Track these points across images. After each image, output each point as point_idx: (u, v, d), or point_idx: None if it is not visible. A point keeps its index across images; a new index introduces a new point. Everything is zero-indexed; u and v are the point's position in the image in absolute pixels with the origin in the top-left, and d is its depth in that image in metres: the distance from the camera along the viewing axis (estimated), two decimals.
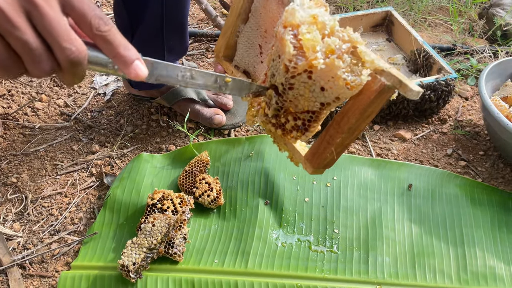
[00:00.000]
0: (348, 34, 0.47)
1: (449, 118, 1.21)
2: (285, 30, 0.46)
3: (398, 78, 0.45)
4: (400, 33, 1.33)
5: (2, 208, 0.95)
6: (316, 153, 0.56)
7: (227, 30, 0.65)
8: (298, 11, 0.47)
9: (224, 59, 0.67)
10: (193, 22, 1.50)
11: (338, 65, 0.45)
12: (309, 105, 0.52)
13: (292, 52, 0.46)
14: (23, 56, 0.38)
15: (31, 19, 0.38)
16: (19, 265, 0.86)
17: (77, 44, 0.39)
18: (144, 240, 0.81)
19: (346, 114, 0.51)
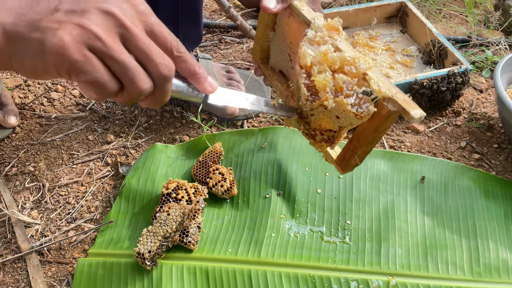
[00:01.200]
0: (356, 66, 0.51)
1: (463, 110, 1.20)
2: (300, 71, 0.51)
3: (402, 106, 0.51)
4: (415, 25, 1.32)
5: (21, 196, 0.97)
6: (344, 159, 0.66)
7: (259, 37, 0.68)
8: (309, 54, 0.51)
9: (261, 61, 0.71)
10: (206, 13, 1.50)
11: (347, 102, 0.50)
12: (330, 126, 0.58)
13: (306, 94, 0.52)
14: (122, 77, 0.41)
15: (124, 42, 0.41)
16: (38, 251, 0.88)
17: (167, 60, 0.43)
18: (159, 229, 0.82)
19: (363, 132, 0.59)
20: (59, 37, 0.38)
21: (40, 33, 0.38)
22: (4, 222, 0.92)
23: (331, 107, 0.51)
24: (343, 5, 1.54)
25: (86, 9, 0.39)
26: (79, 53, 0.38)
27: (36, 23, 0.38)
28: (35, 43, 0.38)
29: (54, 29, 0.38)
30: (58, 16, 0.39)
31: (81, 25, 0.38)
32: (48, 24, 0.38)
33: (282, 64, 0.69)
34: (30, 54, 0.39)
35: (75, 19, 0.39)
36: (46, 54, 0.38)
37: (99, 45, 0.39)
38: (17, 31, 0.39)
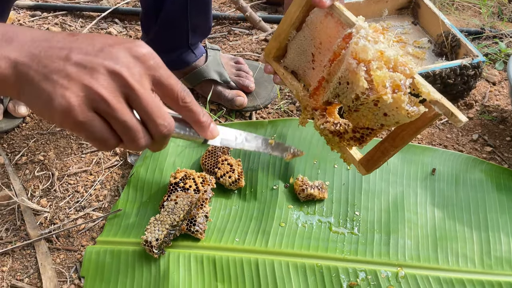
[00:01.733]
0: (409, 68, 0.53)
1: (476, 103, 1.18)
2: (358, 66, 0.52)
3: (450, 110, 0.52)
4: (426, 16, 1.30)
5: (30, 184, 0.97)
6: (371, 160, 0.66)
7: (280, 34, 0.68)
8: (370, 49, 0.52)
9: (274, 60, 0.71)
10: (216, 5, 1.50)
11: (404, 99, 0.52)
12: (370, 124, 0.58)
13: (366, 86, 0.52)
14: (123, 135, 0.44)
15: (129, 101, 0.43)
16: (46, 239, 0.88)
17: (168, 120, 0.45)
18: (167, 217, 0.82)
19: (401, 133, 0.60)
20: (67, 99, 0.40)
21: (50, 86, 0.40)
22: (13, 210, 0.93)
23: (387, 103, 0.52)
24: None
25: (95, 68, 0.41)
26: (83, 114, 0.41)
27: (47, 72, 0.41)
28: (44, 95, 0.41)
29: (63, 87, 0.40)
30: (68, 69, 0.41)
31: (89, 87, 0.41)
32: (58, 78, 0.40)
33: (300, 64, 0.70)
34: (39, 103, 0.41)
35: (84, 77, 0.41)
36: (53, 110, 0.41)
37: (103, 106, 0.41)
38: (28, 73, 0.41)
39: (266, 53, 0.72)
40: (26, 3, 1.42)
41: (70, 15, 1.41)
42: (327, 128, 0.65)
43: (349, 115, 0.59)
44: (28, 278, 0.83)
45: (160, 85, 0.45)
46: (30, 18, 1.38)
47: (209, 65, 1.08)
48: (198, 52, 1.08)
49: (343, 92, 0.57)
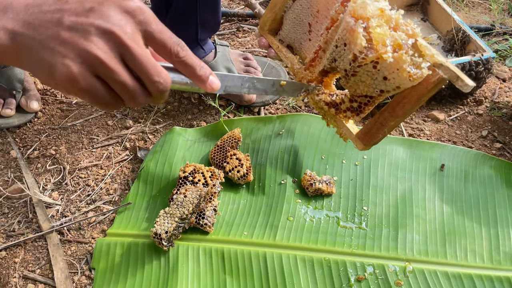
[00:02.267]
0: (412, 28, 0.49)
1: (485, 99, 1.17)
2: (356, 23, 0.49)
3: (456, 73, 0.48)
4: (436, 13, 1.30)
5: (42, 178, 0.99)
6: (369, 133, 0.61)
7: (276, 4, 0.65)
8: (369, 4, 0.49)
9: (269, 33, 0.68)
10: (224, 2, 1.50)
11: (405, 59, 0.48)
12: (369, 91, 0.55)
13: (364, 44, 0.48)
14: (122, 95, 0.45)
15: (125, 60, 0.44)
16: (58, 231, 0.90)
17: (164, 76, 0.46)
18: (176, 210, 0.83)
19: (402, 101, 0.55)
20: (67, 67, 0.41)
21: (49, 55, 0.41)
22: (26, 203, 0.95)
23: (387, 64, 0.49)
24: None
25: (88, 29, 0.42)
26: (85, 81, 0.42)
27: (43, 40, 0.41)
28: (46, 65, 0.42)
29: (61, 55, 0.41)
30: (62, 34, 0.41)
31: (85, 50, 0.41)
32: (55, 45, 0.41)
33: (296, 36, 0.67)
34: (42, 72, 0.42)
35: (78, 41, 0.41)
36: (57, 79, 0.42)
37: (102, 69, 0.42)
38: (26, 42, 0.41)
39: (261, 26, 0.68)
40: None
41: None
42: (323, 99, 0.62)
43: (346, 81, 0.55)
44: (39, 270, 0.85)
45: (153, 40, 0.45)
46: None
47: (218, 61, 1.09)
48: (207, 47, 1.09)
49: (340, 56, 0.53)
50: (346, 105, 0.60)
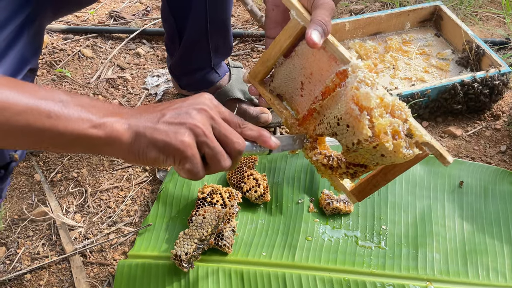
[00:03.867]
0: (405, 112, 0.56)
1: (503, 114, 1.16)
2: (362, 114, 0.54)
3: (439, 151, 0.57)
4: (450, 28, 1.30)
5: (65, 200, 1.02)
6: (363, 191, 0.70)
7: (268, 60, 0.68)
8: (373, 97, 0.54)
9: (259, 83, 0.71)
10: (239, 23, 1.53)
11: (403, 145, 0.55)
12: (366, 162, 0.61)
13: (370, 134, 0.54)
14: (211, 159, 0.55)
15: (213, 129, 0.55)
16: (81, 253, 0.92)
17: (240, 138, 0.57)
18: (195, 232, 0.84)
19: (393, 169, 0.64)
20: (181, 136, 0.52)
21: (162, 133, 0.52)
22: (49, 225, 0.97)
23: (387, 148, 0.55)
24: (375, 10, 1.53)
25: (188, 110, 0.54)
26: (191, 149, 0.53)
27: (153, 126, 0.53)
28: (160, 142, 0.52)
29: (173, 131, 0.52)
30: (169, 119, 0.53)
31: (192, 124, 0.53)
32: (164, 126, 0.53)
33: (287, 90, 0.70)
34: (154, 149, 0.52)
35: (184, 119, 0.53)
36: (170, 149, 0.52)
37: (203, 138, 0.53)
38: (139, 129, 0.52)
39: (252, 76, 0.71)
40: (58, 26, 1.49)
41: (100, 37, 1.47)
42: (319, 160, 0.67)
43: (347, 154, 0.61)
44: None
45: (225, 118, 0.57)
46: (63, 41, 1.45)
47: (233, 84, 1.11)
48: (221, 71, 1.11)
49: (342, 133, 0.59)
50: (343, 170, 0.66)
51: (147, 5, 1.63)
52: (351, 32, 1.31)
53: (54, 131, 0.48)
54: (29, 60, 0.66)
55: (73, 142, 0.50)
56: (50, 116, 0.48)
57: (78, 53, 1.40)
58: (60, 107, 0.48)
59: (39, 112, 0.47)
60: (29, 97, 0.47)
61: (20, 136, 0.48)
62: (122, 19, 1.55)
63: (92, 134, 0.50)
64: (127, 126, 0.52)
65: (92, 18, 1.57)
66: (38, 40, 0.71)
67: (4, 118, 0.46)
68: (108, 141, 0.51)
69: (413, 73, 1.22)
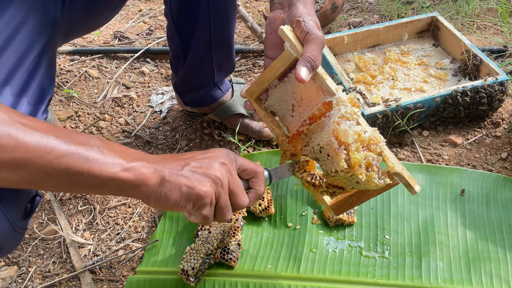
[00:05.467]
0: (379, 146, 0.62)
1: (503, 121, 1.18)
2: (340, 148, 0.61)
3: (408, 181, 0.64)
4: (447, 38, 1.32)
5: (74, 218, 1.04)
6: (340, 208, 0.79)
7: (264, 83, 0.74)
8: (351, 134, 0.60)
9: (255, 100, 0.78)
10: (240, 39, 1.57)
11: (375, 177, 0.61)
12: (343, 185, 0.69)
13: (345, 167, 0.60)
14: (219, 210, 0.63)
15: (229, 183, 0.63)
16: (90, 270, 0.94)
17: (245, 197, 0.65)
18: (201, 246, 0.86)
19: (367, 193, 0.72)
20: (204, 185, 0.59)
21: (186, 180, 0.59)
22: (60, 244, 0.99)
23: (363, 180, 0.61)
24: (373, 23, 1.56)
25: (211, 163, 0.61)
26: (209, 198, 0.60)
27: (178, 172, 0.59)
28: (184, 188, 0.58)
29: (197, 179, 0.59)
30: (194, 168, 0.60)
31: (215, 176, 0.60)
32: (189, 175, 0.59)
33: (280, 109, 0.76)
34: (175, 193, 0.58)
35: (207, 170, 0.60)
36: (191, 196, 0.59)
37: (221, 190, 0.61)
38: (164, 173, 0.58)
39: (248, 93, 0.77)
40: (65, 48, 1.53)
41: (106, 57, 1.51)
42: (304, 178, 0.75)
43: (327, 177, 0.67)
44: None
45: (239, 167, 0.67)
46: (69, 62, 1.49)
47: (236, 100, 1.14)
48: (224, 87, 1.14)
49: (323, 160, 0.65)
50: (323, 189, 0.73)
51: (151, 24, 1.67)
52: (350, 45, 1.34)
53: (90, 173, 0.53)
54: (48, 90, 0.69)
55: (105, 184, 0.54)
56: (88, 159, 0.53)
57: (85, 74, 1.44)
58: (96, 152, 0.54)
59: (78, 156, 0.52)
60: (69, 142, 0.52)
61: (60, 178, 0.53)
62: (127, 39, 1.59)
63: (123, 177, 0.55)
64: (154, 170, 0.57)
65: (98, 39, 1.61)
66: (53, 67, 0.74)
67: (47, 161, 0.50)
68: (136, 183, 0.56)
69: (412, 84, 1.24)
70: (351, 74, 1.27)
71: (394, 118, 1.09)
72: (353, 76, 1.26)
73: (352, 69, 1.29)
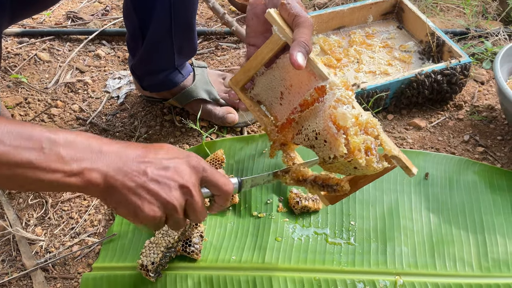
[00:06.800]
0: (377, 129, 0.60)
1: (465, 103, 1.18)
2: (339, 133, 0.58)
3: (406, 164, 0.61)
4: (411, 20, 1.31)
5: (24, 213, 0.97)
6: (335, 197, 0.75)
7: (250, 70, 0.70)
8: (349, 117, 0.58)
9: (241, 89, 0.74)
10: (202, 21, 1.50)
11: (374, 161, 0.60)
12: (340, 172, 0.66)
13: (345, 152, 0.58)
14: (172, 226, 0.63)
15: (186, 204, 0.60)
16: (42, 268, 0.88)
17: (204, 215, 0.64)
18: (161, 240, 0.82)
19: (363, 179, 0.69)
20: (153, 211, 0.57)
21: (137, 199, 0.56)
22: (8, 240, 0.93)
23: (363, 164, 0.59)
24: (338, 4, 1.53)
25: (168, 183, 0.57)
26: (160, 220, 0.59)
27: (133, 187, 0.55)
28: (132, 206, 0.56)
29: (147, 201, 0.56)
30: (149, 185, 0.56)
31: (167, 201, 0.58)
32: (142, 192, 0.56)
33: (267, 98, 0.73)
34: (126, 210, 0.57)
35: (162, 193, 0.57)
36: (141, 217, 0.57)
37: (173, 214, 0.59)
38: (115, 185, 0.54)
39: (233, 83, 0.73)
40: (13, 30, 1.42)
41: (58, 40, 1.41)
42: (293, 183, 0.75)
43: (323, 165, 0.65)
44: None
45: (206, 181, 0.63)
46: (17, 45, 1.39)
47: (197, 84, 1.09)
48: (185, 71, 1.09)
49: (319, 147, 0.63)
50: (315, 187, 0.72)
51: (106, 4, 1.57)
52: (314, 27, 1.30)
53: (35, 179, 0.51)
54: None
55: (55, 188, 0.53)
56: (30, 166, 0.50)
57: (35, 57, 1.35)
58: (39, 155, 0.50)
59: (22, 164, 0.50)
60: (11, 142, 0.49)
61: (6, 182, 0.53)
62: (80, 20, 1.49)
63: (70, 181, 0.52)
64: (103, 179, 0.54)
65: (49, 19, 1.51)
66: None
67: None
68: (84, 186, 0.54)
69: (377, 67, 1.22)
70: (316, 57, 1.24)
71: (359, 102, 1.07)
72: (319, 59, 1.23)
73: (317, 52, 1.27)
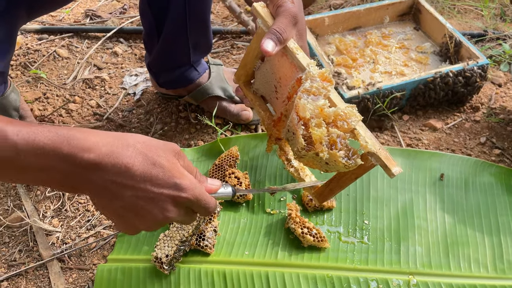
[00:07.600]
0: (347, 122, 0.58)
1: (482, 105, 1.17)
2: (298, 123, 0.57)
3: (384, 162, 0.59)
4: (428, 21, 1.31)
5: (42, 205, 0.99)
6: (322, 195, 0.76)
7: (246, 64, 0.71)
8: (309, 108, 0.56)
9: (244, 84, 0.75)
10: (218, 20, 1.52)
11: (339, 155, 0.57)
12: (316, 168, 0.65)
13: (303, 144, 0.57)
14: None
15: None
16: (59, 258, 0.89)
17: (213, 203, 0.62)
18: (176, 233, 0.82)
19: (344, 177, 0.68)
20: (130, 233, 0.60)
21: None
22: (26, 231, 0.94)
23: (325, 158, 0.57)
24: (354, 4, 1.53)
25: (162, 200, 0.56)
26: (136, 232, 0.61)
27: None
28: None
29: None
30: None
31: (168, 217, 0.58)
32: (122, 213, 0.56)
33: (266, 91, 0.73)
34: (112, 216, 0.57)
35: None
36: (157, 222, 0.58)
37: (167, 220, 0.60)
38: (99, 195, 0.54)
39: (237, 78, 0.74)
40: (33, 26, 1.45)
41: (76, 37, 1.44)
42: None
43: (298, 158, 0.64)
44: None
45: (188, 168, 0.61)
46: (37, 41, 1.42)
47: (213, 82, 1.09)
48: (201, 68, 1.10)
49: (291, 139, 0.62)
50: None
51: (124, 3, 1.60)
52: (330, 27, 1.31)
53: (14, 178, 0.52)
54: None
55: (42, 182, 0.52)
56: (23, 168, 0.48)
57: (54, 54, 1.37)
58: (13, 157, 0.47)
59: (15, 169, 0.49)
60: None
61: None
62: (99, 18, 1.52)
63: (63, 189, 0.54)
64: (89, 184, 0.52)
65: (68, 17, 1.53)
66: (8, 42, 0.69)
67: None
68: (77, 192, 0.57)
69: (393, 67, 1.22)
70: (331, 56, 1.25)
71: (374, 101, 1.07)
72: (334, 58, 1.23)
73: (333, 52, 1.27)
